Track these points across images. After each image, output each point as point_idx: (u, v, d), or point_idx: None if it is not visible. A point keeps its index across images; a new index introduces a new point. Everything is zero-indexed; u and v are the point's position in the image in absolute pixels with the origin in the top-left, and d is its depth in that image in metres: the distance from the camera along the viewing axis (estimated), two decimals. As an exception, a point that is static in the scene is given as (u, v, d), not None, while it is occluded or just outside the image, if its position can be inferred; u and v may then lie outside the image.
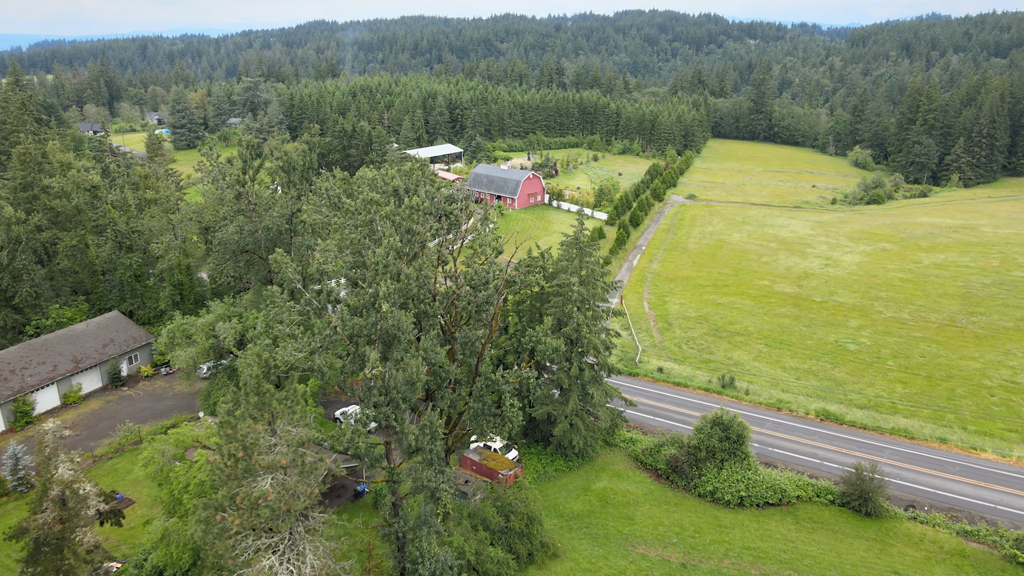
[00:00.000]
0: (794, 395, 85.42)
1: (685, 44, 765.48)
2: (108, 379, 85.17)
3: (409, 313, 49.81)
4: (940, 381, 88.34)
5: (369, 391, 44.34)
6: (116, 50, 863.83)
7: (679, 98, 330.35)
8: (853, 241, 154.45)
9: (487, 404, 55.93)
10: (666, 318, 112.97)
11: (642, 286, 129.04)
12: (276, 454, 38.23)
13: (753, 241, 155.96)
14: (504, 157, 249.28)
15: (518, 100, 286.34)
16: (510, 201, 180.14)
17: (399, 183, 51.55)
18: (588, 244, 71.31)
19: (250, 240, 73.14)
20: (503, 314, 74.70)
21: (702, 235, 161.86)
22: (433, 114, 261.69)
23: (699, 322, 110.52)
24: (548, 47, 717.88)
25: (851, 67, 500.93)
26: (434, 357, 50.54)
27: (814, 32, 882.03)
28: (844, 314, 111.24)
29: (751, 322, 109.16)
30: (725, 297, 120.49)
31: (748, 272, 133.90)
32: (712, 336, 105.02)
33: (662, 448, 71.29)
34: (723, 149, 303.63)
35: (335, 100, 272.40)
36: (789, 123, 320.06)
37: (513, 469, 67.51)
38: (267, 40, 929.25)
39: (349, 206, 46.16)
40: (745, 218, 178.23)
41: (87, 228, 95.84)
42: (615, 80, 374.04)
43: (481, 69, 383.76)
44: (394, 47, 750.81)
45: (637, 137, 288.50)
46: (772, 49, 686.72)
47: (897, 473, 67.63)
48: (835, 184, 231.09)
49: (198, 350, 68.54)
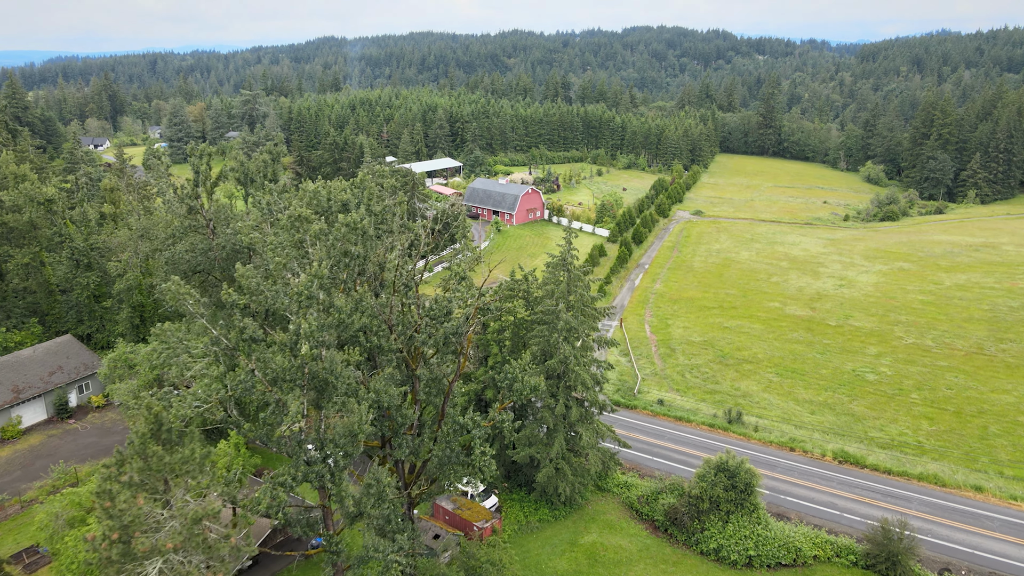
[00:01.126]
0: (808, 432, 77.17)
1: (693, 60, 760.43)
2: (54, 410, 77.74)
3: (354, 350, 42.24)
4: (971, 417, 79.91)
5: (299, 446, 36.73)
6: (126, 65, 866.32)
7: (686, 112, 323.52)
8: (868, 260, 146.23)
9: (455, 451, 48.17)
10: (669, 343, 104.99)
11: (644, 308, 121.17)
12: (166, 533, 30.58)
13: (762, 259, 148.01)
14: (505, 171, 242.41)
15: (521, 113, 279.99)
16: (508, 217, 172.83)
17: (348, 196, 44.14)
18: (577, 266, 63.66)
19: (203, 260, 65.93)
20: (484, 344, 67.06)
21: (708, 253, 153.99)
22: (433, 127, 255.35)
23: (704, 348, 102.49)
24: (555, 62, 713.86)
25: (861, 82, 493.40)
26: (388, 399, 42.97)
27: (823, 48, 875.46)
28: (861, 340, 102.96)
29: (760, 348, 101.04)
30: (732, 320, 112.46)
31: (757, 293, 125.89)
32: (718, 363, 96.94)
33: (660, 496, 63.22)
34: (731, 164, 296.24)
35: (334, 113, 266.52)
36: (799, 138, 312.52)
37: (490, 520, 59.55)
38: (276, 56, 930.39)
39: (283, 223, 38.87)
40: (754, 235, 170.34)
41: (42, 245, 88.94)
42: (621, 94, 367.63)
43: (485, 83, 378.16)
44: (401, 62, 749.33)
45: (643, 152, 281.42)
46: (781, 65, 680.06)
47: (929, 529, 59.26)
48: (847, 200, 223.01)
49: (140, 382, 61.09)
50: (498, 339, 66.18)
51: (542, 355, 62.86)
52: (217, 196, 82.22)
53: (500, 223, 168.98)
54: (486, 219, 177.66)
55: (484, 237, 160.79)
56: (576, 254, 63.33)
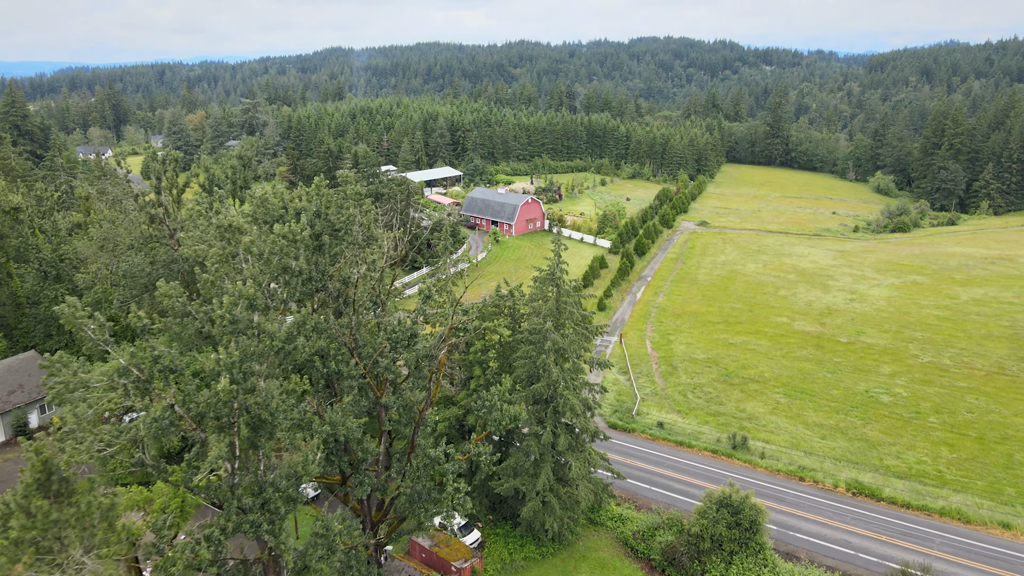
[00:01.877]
0: (819, 460, 71.70)
1: (700, 70, 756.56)
2: (12, 432, 73.03)
3: (303, 379, 37.29)
4: (994, 444, 74.31)
5: (231, 492, 31.74)
6: (134, 76, 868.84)
7: (692, 122, 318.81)
8: (880, 273, 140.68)
9: (426, 487, 43.13)
10: (670, 360, 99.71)
11: (645, 322, 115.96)
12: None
13: (770, 272, 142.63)
14: (506, 181, 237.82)
15: (524, 122, 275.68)
16: (507, 227, 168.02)
17: (306, 204, 39.31)
18: (568, 280, 58.63)
19: (164, 272, 61.24)
20: (467, 364, 62.01)
21: (714, 265, 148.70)
22: (434, 136, 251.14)
23: (708, 365, 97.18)
24: (561, 72, 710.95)
25: (870, 92, 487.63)
26: (346, 432, 38.02)
27: (831, 59, 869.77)
28: (874, 358, 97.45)
29: (767, 366, 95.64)
30: (738, 336, 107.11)
31: (764, 307, 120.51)
32: (722, 383, 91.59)
33: (657, 532, 57.88)
34: (738, 174, 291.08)
35: (334, 122, 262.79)
36: (807, 148, 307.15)
37: (470, 560, 54.34)
38: (283, 66, 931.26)
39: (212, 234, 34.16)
40: (761, 247, 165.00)
41: (9, 255, 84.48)
42: (627, 104, 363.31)
43: (489, 92, 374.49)
44: (407, 72, 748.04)
45: (648, 161, 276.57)
46: (788, 75, 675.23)
47: (953, 573, 53.73)
48: (856, 211, 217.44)
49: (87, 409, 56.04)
50: (481, 360, 61.14)
51: (528, 378, 57.80)
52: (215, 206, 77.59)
53: (499, 233, 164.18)
54: (484, 229, 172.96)
55: (482, 248, 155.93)
56: (566, 268, 58.28)
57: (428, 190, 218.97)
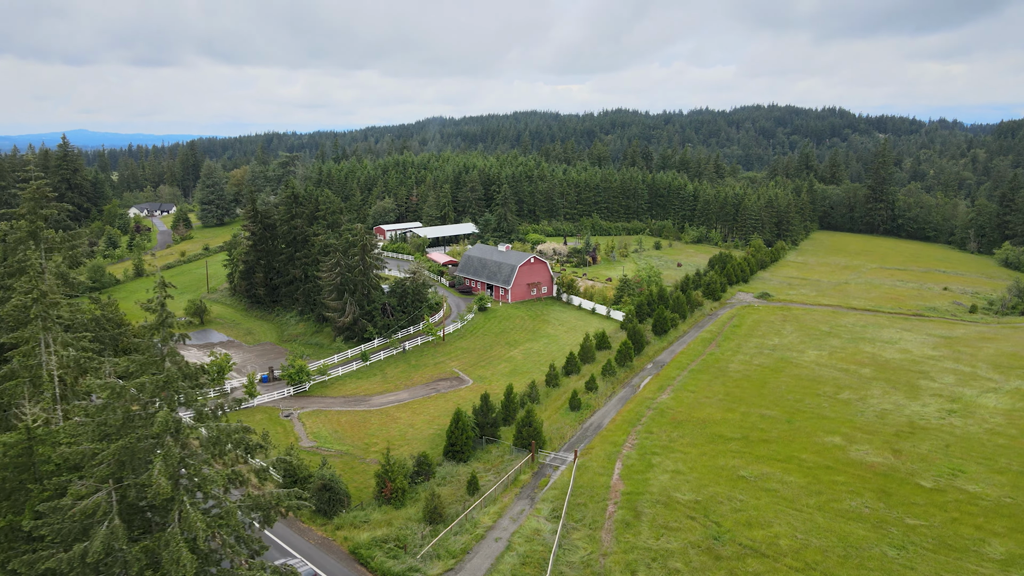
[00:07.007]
0: None
1: (804, 137, 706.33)
2: None
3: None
4: None
5: None
6: (244, 144, 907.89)
7: (776, 182, 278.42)
8: (1000, 371, 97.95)
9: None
10: (636, 502, 62.93)
11: (628, 432, 79.42)
12: None
13: (835, 363, 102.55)
14: (537, 240, 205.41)
15: (573, 178, 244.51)
16: (502, 292, 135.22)
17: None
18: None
19: None
20: None
21: (759, 350, 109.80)
22: (463, 190, 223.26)
23: (691, 515, 59.81)
24: (654, 139, 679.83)
25: (998, 159, 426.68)
26: None
27: (955, 128, 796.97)
28: (978, 523, 57.23)
29: (787, 525, 57.32)
30: (756, 465, 68.99)
31: (811, 417, 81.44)
32: (703, 553, 54.14)
33: None
34: (830, 241, 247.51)
35: (364, 174, 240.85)
36: (917, 214, 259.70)
37: None
38: (381, 134, 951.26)
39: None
40: (833, 327, 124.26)
41: None
42: (706, 164, 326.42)
43: (549, 148, 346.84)
44: (496, 137, 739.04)
45: (717, 224, 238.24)
46: (904, 142, 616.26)
47: None
48: (976, 287, 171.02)
49: None
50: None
51: None
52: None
53: (486, 298, 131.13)
54: (479, 293, 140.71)
55: (457, 317, 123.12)
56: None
57: (439, 249, 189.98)
